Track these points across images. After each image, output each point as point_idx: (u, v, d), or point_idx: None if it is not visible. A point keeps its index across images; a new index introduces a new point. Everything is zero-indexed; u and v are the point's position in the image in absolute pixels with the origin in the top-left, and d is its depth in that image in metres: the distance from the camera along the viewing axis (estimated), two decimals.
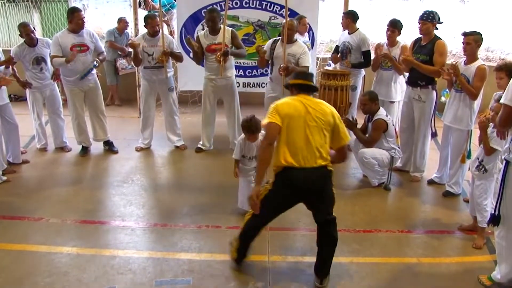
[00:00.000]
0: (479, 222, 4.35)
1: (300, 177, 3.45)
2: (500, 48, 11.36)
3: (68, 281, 3.65)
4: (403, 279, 3.83)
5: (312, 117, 3.47)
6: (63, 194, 5.25)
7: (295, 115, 3.47)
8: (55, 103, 6.46)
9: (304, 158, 3.43)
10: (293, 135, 3.45)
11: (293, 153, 3.43)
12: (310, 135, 3.44)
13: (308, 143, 3.44)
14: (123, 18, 8.75)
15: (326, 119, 3.50)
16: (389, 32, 6.00)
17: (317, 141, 3.45)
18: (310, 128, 3.45)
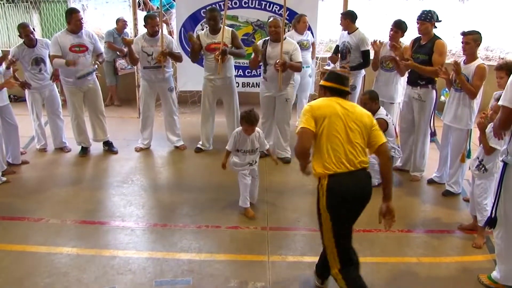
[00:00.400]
0: (479, 221, 4.35)
1: (349, 182, 3.18)
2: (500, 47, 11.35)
3: (68, 282, 3.65)
4: (403, 279, 3.83)
5: (351, 119, 3.22)
6: (63, 195, 5.25)
7: (333, 115, 3.19)
8: (54, 104, 6.46)
9: (350, 161, 3.16)
10: (333, 137, 3.17)
11: (336, 157, 3.15)
12: (352, 136, 3.19)
13: (351, 144, 3.18)
14: (121, 18, 8.75)
15: (364, 121, 3.25)
16: (392, 32, 5.95)
17: (358, 142, 3.20)
18: (351, 129, 3.19)
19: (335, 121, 3.19)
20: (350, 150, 3.17)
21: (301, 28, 6.99)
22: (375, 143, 3.29)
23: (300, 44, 6.84)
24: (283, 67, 5.77)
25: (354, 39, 6.36)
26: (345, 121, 3.20)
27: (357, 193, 3.22)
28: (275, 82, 5.96)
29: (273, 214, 4.87)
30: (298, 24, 6.98)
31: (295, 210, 4.98)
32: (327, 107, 3.24)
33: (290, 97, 6.16)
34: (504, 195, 3.48)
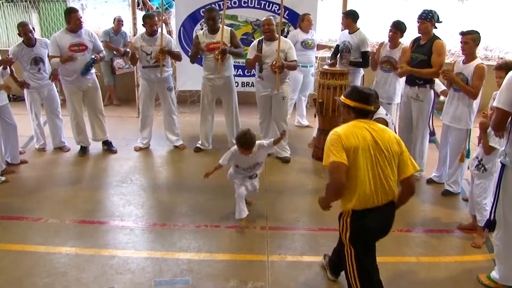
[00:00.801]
0: (479, 221, 4.35)
1: (374, 219, 3.08)
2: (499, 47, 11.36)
3: (67, 281, 3.64)
4: (402, 279, 3.83)
5: (380, 147, 3.01)
6: (62, 194, 5.24)
7: (363, 147, 2.98)
8: (53, 103, 6.45)
9: (377, 197, 3.02)
10: (361, 172, 2.98)
11: (362, 194, 2.99)
12: (380, 170, 3.00)
13: (378, 180, 3.00)
14: (117, 17, 8.75)
15: (394, 148, 3.05)
16: (391, 33, 5.96)
17: (387, 175, 3.02)
18: (379, 162, 3.00)
19: (364, 153, 2.98)
20: (378, 187, 3.01)
21: (306, 26, 6.99)
22: (403, 173, 3.10)
23: (305, 43, 6.86)
24: (280, 69, 5.78)
25: (355, 39, 6.36)
26: (373, 153, 3.00)
27: (380, 227, 3.19)
28: (272, 81, 5.96)
29: (272, 213, 4.87)
30: (302, 23, 6.99)
31: (295, 209, 4.97)
32: (357, 137, 3.01)
33: (286, 95, 6.18)
34: (502, 196, 3.48)
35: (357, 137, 3.00)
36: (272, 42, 5.92)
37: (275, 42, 5.90)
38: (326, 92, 6.08)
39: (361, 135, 3.02)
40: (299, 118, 7.93)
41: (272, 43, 5.92)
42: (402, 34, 5.93)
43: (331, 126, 6.10)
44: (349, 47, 6.37)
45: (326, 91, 6.07)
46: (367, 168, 2.99)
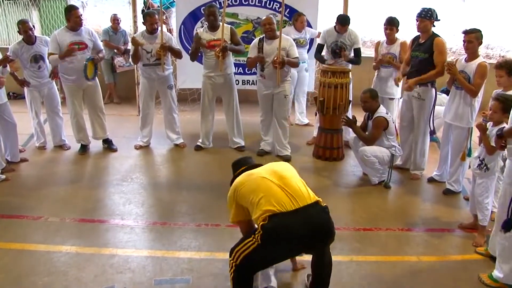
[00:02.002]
0: (480, 220, 4.34)
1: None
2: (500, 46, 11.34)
3: (67, 280, 3.63)
4: (403, 278, 3.81)
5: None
6: (62, 193, 5.23)
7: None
8: (53, 102, 6.44)
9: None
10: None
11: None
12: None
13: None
14: (113, 15, 8.74)
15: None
16: (387, 31, 6.02)
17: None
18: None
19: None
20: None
21: (299, 26, 7.03)
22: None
23: (297, 42, 6.84)
24: (281, 64, 5.77)
25: (350, 39, 6.34)
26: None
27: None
28: (273, 79, 5.96)
29: None
30: (296, 22, 7.01)
31: None
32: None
33: (288, 93, 6.18)
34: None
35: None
36: (273, 41, 5.92)
37: (276, 40, 5.89)
38: (327, 90, 6.06)
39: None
40: (299, 116, 7.90)
41: (273, 42, 5.92)
42: (397, 29, 6.03)
43: (332, 124, 6.18)
44: (344, 47, 6.33)
45: (327, 89, 6.05)
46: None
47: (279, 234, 2.93)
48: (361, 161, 5.64)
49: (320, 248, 3.19)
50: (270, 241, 2.96)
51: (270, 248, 2.99)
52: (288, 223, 2.93)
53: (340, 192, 5.45)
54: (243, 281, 3.14)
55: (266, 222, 2.94)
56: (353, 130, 5.67)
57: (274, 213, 2.94)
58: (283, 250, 3.04)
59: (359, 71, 7.10)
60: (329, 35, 6.45)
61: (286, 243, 2.97)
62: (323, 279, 3.36)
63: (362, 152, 5.46)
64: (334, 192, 5.42)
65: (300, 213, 2.97)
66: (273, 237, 2.95)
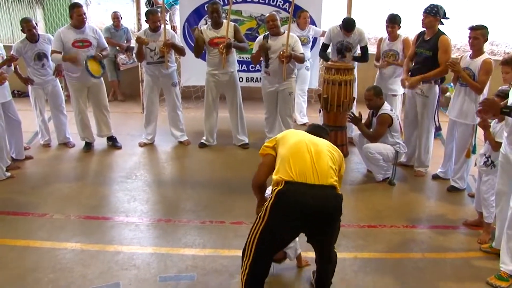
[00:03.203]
0: (485, 217, 4.32)
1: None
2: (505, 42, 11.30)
3: (72, 277, 3.64)
4: (407, 275, 3.81)
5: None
6: (67, 190, 5.24)
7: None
8: (57, 99, 6.45)
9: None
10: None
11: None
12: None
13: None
14: (114, 12, 8.73)
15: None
16: (389, 28, 6.02)
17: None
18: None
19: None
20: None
21: (302, 23, 7.04)
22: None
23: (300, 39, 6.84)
24: (288, 58, 5.77)
25: (356, 38, 6.33)
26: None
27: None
28: (278, 75, 5.96)
29: None
30: (298, 20, 7.00)
31: None
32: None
33: (293, 91, 6.20)
34: None
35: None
36: (278, 37, 5.93)
37: (280, 37, 5.91)
38: (331, 87, 6.04)
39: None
40: (298, 115, 7.78)
41: (278, 38, 5.92)
42: (399, 26, 6.04)
43: (336, 121, 6.17)
44: (350, 47, 6.31)
45: (331, 86, 6.04)
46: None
47: (289, 200, 2.97)
48: (365, 158, 5.64)
49: (323, 236, 3.18)
50: (281, 205, 2.98)
51: (281, 215, 2.99)
52: (303, 194, 2.96)
53: (344, 189, 5.36)
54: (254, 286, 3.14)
55: (281, 187, 2.98)
56: (358, 127, 5.66)
57: (292, 180, 2.99)
58: (288, 221, 3.02)
59: (364, 68, 7.09)
60: (334, 35, 6.42)
61: (292, 213, 2.97)
62: (327, 275, 3.36)
63: (367, 149, 5.45)
64: None
65: (316, 189, 2.99)
66: (283, 203, 2.98)
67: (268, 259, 3.18)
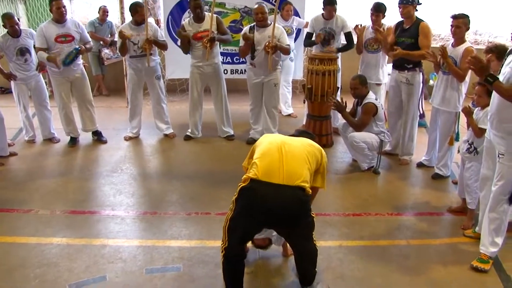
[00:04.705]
0: (468, 203, 4.38)
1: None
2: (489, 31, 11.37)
3: (59, 272, 3.63)
4: (393, 262, 3.85)
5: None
6: (52, 186, 5.21)
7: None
8: (41, 95, 6.39)
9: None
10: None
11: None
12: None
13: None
14: (103, 7, 8.67)
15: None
16: (373, 17, 6.02)
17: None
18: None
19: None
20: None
21: (285, 15, 7.06)
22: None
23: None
24: (274, 49, 5.78)
25: (338, 24, 6.34)
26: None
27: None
28: (264, 67, 5.97)
29: None
30: (282, 11, 7.02)
31: None
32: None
33: (278, 82, 6.21)
34: None
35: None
36: (264, 29, 5.93)
37: (267, 28, 5.91)
38: (314, 77, 6.07)
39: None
40: (283, 106, 7.79)
41: (264, 30, 5.92)
42: (384, 15, 6.03)
43: (321, 111, 6.19)
44: (333, 33, 6.33)
45: (315, 76, 6.06)
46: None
47: (251, 197, 3.03)
48: (350, 147, 5.68)
49: (290, 233, 3.23)
50: (243, 204, 3.05)
51: (242, 214, 3.06)
52: (263, 191, 3.01)
53: (329, 179, 5.42)
54: (231, 265, 3.18)
55: (246, 184, 3.05)
56: (343, 116, 5.69)
57: (257, 178, 3.04)
58: (251, 217, 3.06)
59: (348, 58, 7.11)
60: (317, 23, 6.44)
61: (253, 209, 3.03)
62: (305, 267, 3.39)
63: (352, 138, 5.49)
64: None
65: (279, 189, 3.02)
66: (246, 199, 3.04)
67: (240, 245, 3.22)
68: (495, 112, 3.59)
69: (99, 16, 8.61)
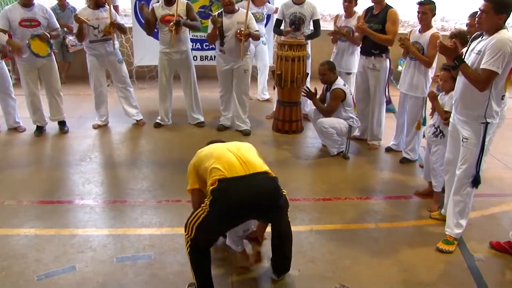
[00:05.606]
0: (434, 186, 4.49)
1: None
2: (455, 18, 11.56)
3: (26, 263, 3.57)
4: (362, 244, 3.92)
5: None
6: (19, 176, 5.10)
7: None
8: (4, 82, 6.19)
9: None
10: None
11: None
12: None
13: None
14: None
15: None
16: (346, 3, 6.04)
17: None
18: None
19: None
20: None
21: (258, 2, 6.99)
22: None
23: (254, 16, 6.83)
24: (247, 37, 5.77)
25: (309, 10, 6.31)
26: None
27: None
28: (234, 53, 5.94)
29: None
30: None
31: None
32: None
33: (248, 68, 6.18)
34: (486, 150, 3.71)
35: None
36: (233, 15, 5.88)
37: (235, 14, 5.86)
38: (284, 63, 6.07)
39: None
40: (260, 92, 7.88)
41: (232, 16, 5.87)
42: (356, 3, 6.06)
43: (290, 97, 6.21)
44: (303, 18, 6.32)
45: (284, 62, 6.07)
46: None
47: (226, 196, 2.97)
48: (319, 132, 5.72)
49: (271, 216, 3.23)
50: (219, 204, 2.98)
51: (219, 213, 3.00)
52: (236, 187, 2.99)
53: (300, 164, 5.52)
54: (199, 255, 3.13)
55: (215, 186, 2.99)
56: (313, 102, 5.73)
57: (224, 177, 3.00)
58: (232, 214, 3.03)
59: (318, 44, 7.14)
60: (287, 8, 6.40)
61: (234, 206, 2.99)
62: (284, 251, 3.39)
63: (321, 123, 5.53)
64: (294, 164, 5.49)
65: (248, 179, 3.03)
66: (221, 200, 2.97)
67: (209, 240, 3.18)
68: (459, 97, 3.68)
69: (58, 2, 8.37)
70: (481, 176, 3.74)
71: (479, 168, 3.69)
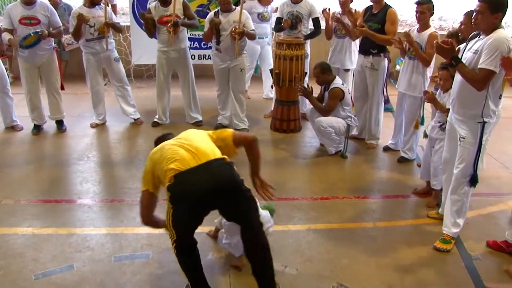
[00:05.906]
0: (434, 185, 4.49)
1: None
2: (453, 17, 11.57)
3: (24, 262, 3.57)
4: (360, 243, 3.92)
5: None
6: (16, 174, 5.10)
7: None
8: (2, 81, 6.17)
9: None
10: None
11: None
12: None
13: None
14: None
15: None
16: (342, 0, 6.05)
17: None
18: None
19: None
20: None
21: (265, 1, 7.00)
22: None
23: (261, 16, 6.88)
24: (241, 35, 5.76)
25: (306, 8, 6.32)
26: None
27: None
28: (230, 52, 5.94)
29: None
30: None
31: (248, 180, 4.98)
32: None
33: (244, 67, 6.18)
34: (483, 149, 3.71)
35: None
36: (229, 14, 5.88)
37: (232, 13, 5.86)
38: (282, 62, 6.07)
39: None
40: (267, 91, 7.92)
41: (229, 15, 5.87)
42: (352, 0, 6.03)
43: (289, 96, 6.21)
44: (300, 17, 6.32)
45: (283, 61, 6.07)
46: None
47: (184, 190, 2.94)
48: (317, 132, 5.72)
49: (238, 205, 3.09)
50: (179, 199, 2.97)
51: (183, 207, 2.98)
52: (192, 179, 2.94)
53: (298, 163, 5.52)
54: (185, 255, 3.10)
55: (171, 183, 2.95)
56: (310, 101, 5.73)
57: (178, 172, 2.95)
58: (195, 206, 2.99)
59: (317, 43, 7.13)
60: (285, 7, 6.41)
61: (195, 199, 2.94)
62: (263, 262, 3.12)
63: (319, 122, 5.53)
64: (292, 163, 5.49)
65: (202, 168, 2.96)
66: (180, 195, 2.96)
67: (190, 234, 3.13)
68: (456, 96, 3.69)
69: (51, 1, 8.32)
70: (479, 175, 3.75)
71: (476, 167, 3.70)
